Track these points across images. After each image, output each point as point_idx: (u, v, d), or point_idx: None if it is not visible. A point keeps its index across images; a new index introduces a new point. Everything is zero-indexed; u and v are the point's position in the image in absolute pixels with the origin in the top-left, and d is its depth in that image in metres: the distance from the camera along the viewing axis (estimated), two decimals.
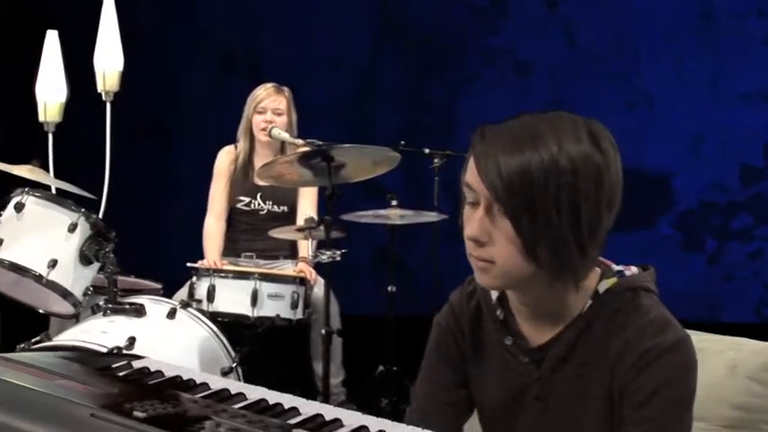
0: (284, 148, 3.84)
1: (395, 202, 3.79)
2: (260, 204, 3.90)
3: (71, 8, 4.88)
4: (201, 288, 3.33)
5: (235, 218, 3.96)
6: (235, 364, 2.86)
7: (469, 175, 1.31)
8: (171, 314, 2.83)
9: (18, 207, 2.77)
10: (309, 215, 3.54)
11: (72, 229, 2.76)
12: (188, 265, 3.46)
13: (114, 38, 3.27)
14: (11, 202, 2.80)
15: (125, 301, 2.84)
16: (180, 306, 2.88)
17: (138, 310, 2.76)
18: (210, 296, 3.30)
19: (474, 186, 1.30)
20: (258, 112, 3.83)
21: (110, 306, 2.77)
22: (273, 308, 3.32)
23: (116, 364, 1.36)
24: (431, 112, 5.56)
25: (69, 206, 2.80)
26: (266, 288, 3.33)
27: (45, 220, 2.79)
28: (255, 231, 3.88)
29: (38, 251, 2.73)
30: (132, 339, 2.56)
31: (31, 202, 2.79)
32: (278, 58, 5.56)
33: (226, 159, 3.94)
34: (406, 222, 3.80)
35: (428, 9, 5.56)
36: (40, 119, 3.29)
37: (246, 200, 3.91)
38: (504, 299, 1.44)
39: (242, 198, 3.91)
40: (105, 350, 2.46)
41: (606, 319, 1.36)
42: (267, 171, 3.34)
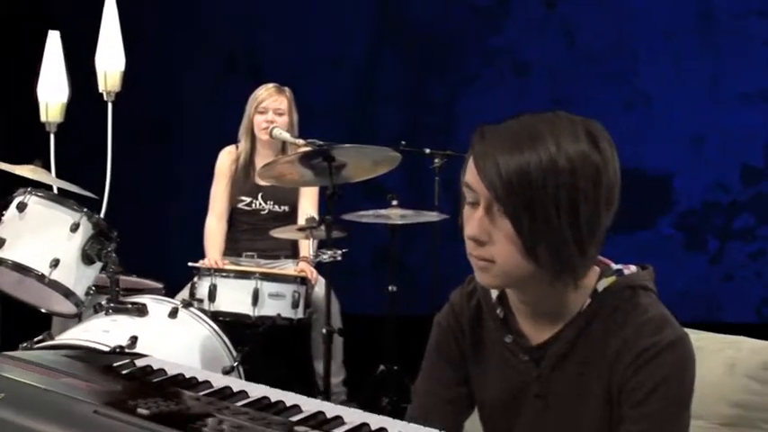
0: (285, 149, 3.85)
1: (395, 202, 3.79)
2: (261, 204, 3.91)
3: (72, 8, 4.89)
4: (203, 287, 3.34)
5: (236, 218, 3.96)
6: (236, 364, 2.86)
7: (469, 175, 1.32)
8: (172, 313, 2.83)
9: (20, 207, 2.78)
10: (310, 215, 3.55)
11: (74, 228, 2.77)
12: (189, 264, 3.46)
13: (116, 38, 3.27)
14: (13, 202, 2.80)
15: (127, 300, 2.85)
16: (181, 305, 2.89)
17: (140, 310, 2.76)
18: (212, 295, 3.30)
19: (474, 186, 1.31)
20: (259, 113, 3.84)
21: (112, 305, 2.77)
22: (274, 307, 3.33)
23: (119, 362, 1.37)
24: (431, 112, 5.55)
25: (71, 206, 2.80)
26: (267, 287, 3.33)
27: (47, 219, 2.79)
28: (256, 231, 3.88)
29: (40, 251, 2.74)
30: (134, 338, 2.56)
31: (33, 201, 2.79)
32: (278, 58, 5.56)
33: (227, 159, 3.94)
34: (407, 222, 3.80)
35: (428, 9, 5.56)
36: (42, 119, 3.30)
37: (247, 200, 3.91)
38: (504, 297, 1.45)
39: (243, 198, 3.92)
40: (107, 349, 2.46)
41: (605, 318, 1.37)
42: (268, 171, 3.34)
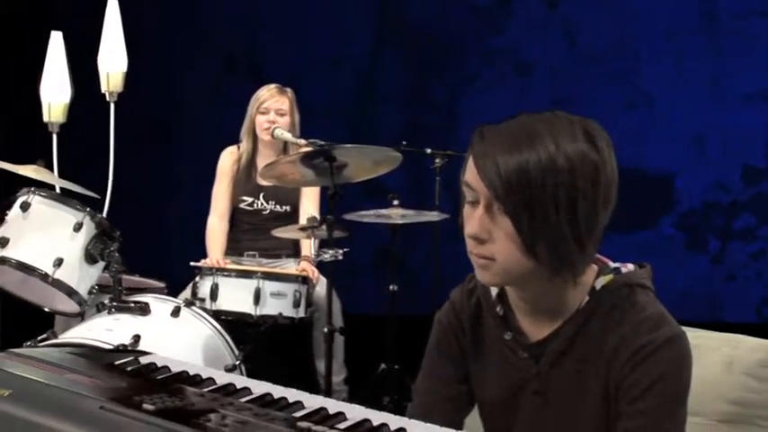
0: (287, 149, 3.86)
1: (396, 202, 3.79)
2: (263, 204, 3.92)
3: (75, 9, 4.90)
4: (205, 287, 3.35)
5: (238, 218, 3.97)
6: (238, 362, 2.86)
7: (469, 174, 1.33)
8: (175, 312, 2.84)
9: (24, 206, 2.79)
10: (312, 215, 3.57)
11: (77, 228, 2.78)
12: (191, 264, 3.48)
13: (118, 39, 3.28)
14: (17, 202, 2.81)
15: (130, 299, 2.85)
16: (184, 304, 2.89)
17: (143, 309, 2.77)
18: (214, 295, 3.31)
19: (473, 185, 1.32)
20: (261, 113, 3.85)
21: (114, 304, 2.78)
22: (276, 306, 3.34)
23: (123, 359, 1.38)
24: (432, 111, 5.56)
25: (75, 205, 2.81)
26: (269, 287, 3.34)
27: (51, 219, 2.80)
28: (258, 231, 3.89)
29: (44, 250, 2.75)
30: (137, 337, 2.56)
31: (36, 201, 2.81)
32: (278, 58, 5.57)
33: (229, 159, 3.95)
34: (408, 222, 3.80)
35: (428, 9, 5.56)
36: (45, 119, 3.31)
37: (249, 200, 3.92)
38: (504, 295, 1.47)
39: (245, 198, 3.93)
40: (111, 348, 2.47)
41: (603, 315, 1.38)
42: (270, 171, 3.35)
